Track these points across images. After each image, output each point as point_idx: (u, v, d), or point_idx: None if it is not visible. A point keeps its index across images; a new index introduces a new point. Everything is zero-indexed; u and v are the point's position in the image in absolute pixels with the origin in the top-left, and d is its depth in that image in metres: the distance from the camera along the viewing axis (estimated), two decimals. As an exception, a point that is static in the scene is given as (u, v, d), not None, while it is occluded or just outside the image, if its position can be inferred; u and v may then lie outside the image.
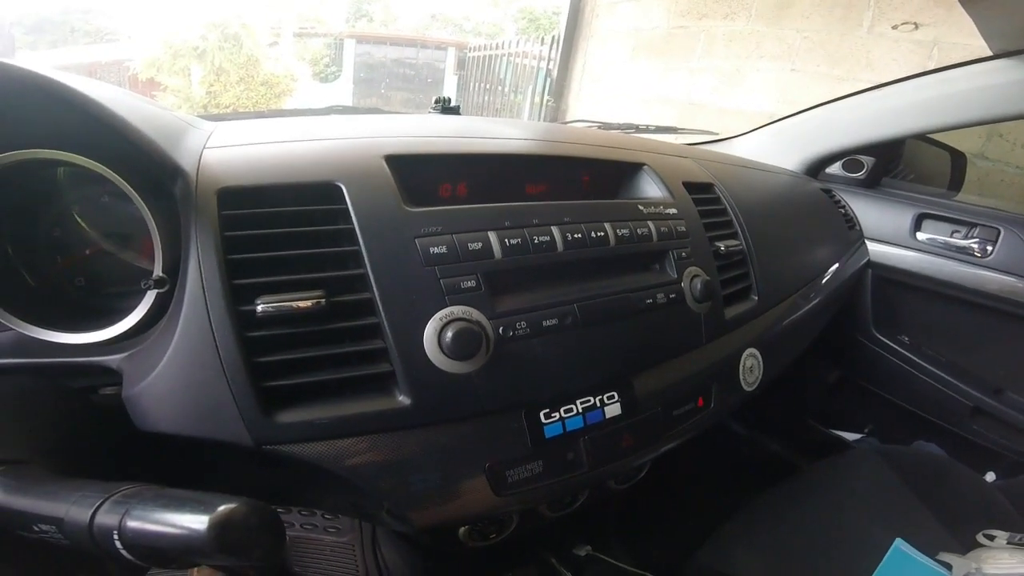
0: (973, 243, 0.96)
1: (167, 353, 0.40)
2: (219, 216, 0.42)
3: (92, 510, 0.28)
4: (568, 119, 3.10)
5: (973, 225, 0.97)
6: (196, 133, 0.49)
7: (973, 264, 0.96)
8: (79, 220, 0.48)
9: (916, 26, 1.88)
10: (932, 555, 0.64)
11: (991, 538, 0.67)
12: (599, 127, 1.18)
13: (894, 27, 1.93)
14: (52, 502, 0.29)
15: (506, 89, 5.08)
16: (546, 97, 3.90)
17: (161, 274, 0.42)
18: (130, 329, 0.43)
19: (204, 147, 0.47)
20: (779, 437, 1.31)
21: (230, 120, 0.63)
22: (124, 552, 0.27)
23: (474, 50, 5.85)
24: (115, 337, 0.43)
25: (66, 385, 0.43)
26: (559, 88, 3.60)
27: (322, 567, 0.78)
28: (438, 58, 6.62)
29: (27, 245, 0.45)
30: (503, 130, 0.66)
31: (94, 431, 0.42)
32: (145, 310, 0.43)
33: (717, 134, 1.35)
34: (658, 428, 0.56)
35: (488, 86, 5.46)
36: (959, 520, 0.73)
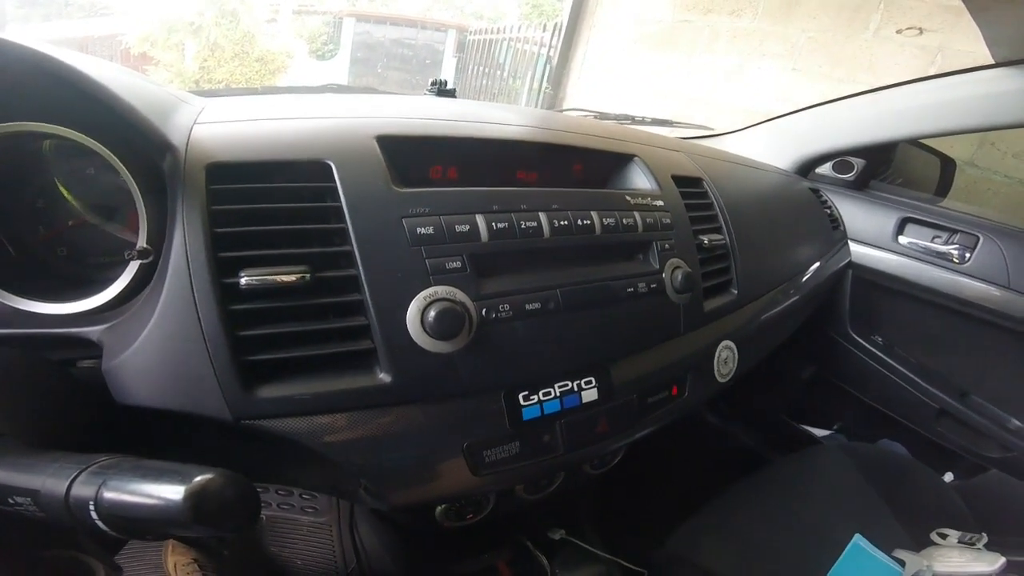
0: (952, 249, 0.97)
1: (148, 325, 0.40)
2: (207, 190, 0.42)
3: (69, 481, 0.27)
4: (565, 107, 3.09)
5: (954, 231, 0.98)
6: (187, 108, 0.49)
7: (950, 270, 0.97)
8: (64, 191, 0.47)
9: (921, 31, 1.88)
10: (888, 551, 0.67)
11: (944, 536, 0.70)
12: (595, 116, 1.18)
13: (898, 31, 1.94)
14: (28, 474, 0.28)
15: (505, 74, 5.02)
16: (544, 85, 3.87)
17: (145, 245, 0.42)
18: (112, 300, 0.43)
19: (194, 122, 0.47)
20: (752, 430, 1.34)
21: (222, 96, 0.62)
22: (100, 524, 0.27)
23: (475, 33, 5.77)
24: (96, 308, 0.43)
25: (44, 357, 0.43)
26: (558, 76, 3.56)
27: (299, 546, 0.78)
28: (438, 40, 6.50)
29: (8, 215, 0.45)
30: (497, 115, 0.66)
31: (72, 404, 0.42)
32: (127, 280, 0.43)
33: (712, 129, 1.36)
34: (632, 415, 0.57)
35: (487, 70, 5.39)
36: (916, 518, 0.76)
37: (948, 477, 1.17)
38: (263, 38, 5.01)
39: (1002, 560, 0.62)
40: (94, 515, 0.27)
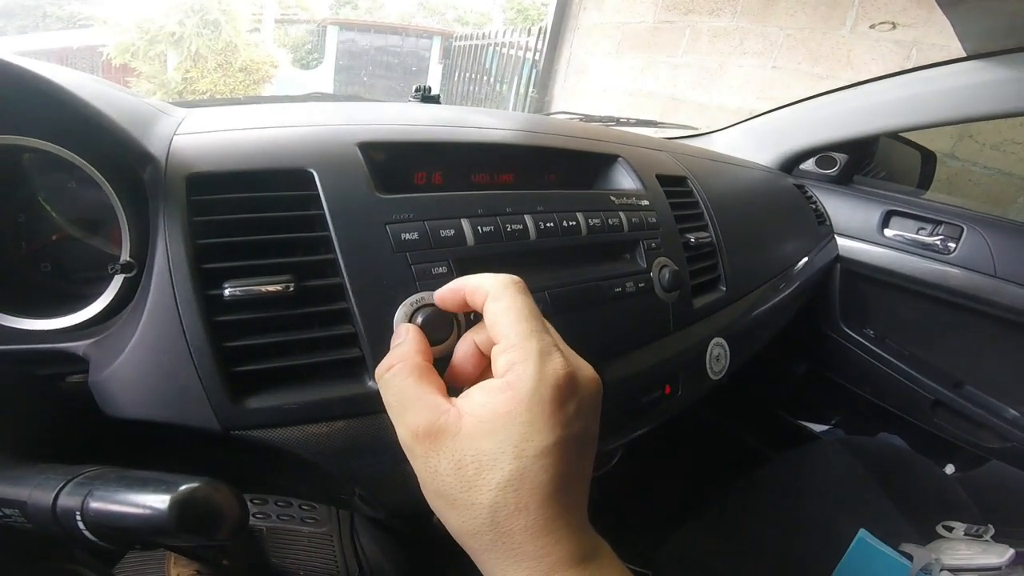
0: (937, 240, 0.99)
1: (133, 338, 0.39)
2: (188, 202, 0.41)
3: (55, 492, 0.27)
4: (551, 111, 3.10)
5: (938, 223, 1.00)
6: (167, 120, 0.49)
7: (937, 260, 0.99)
8: (45, 206, 0.47)
9: (894, 25, 1.92)
10: (894, 545, 0.66)
11: (950, 529, 0.70)
12: (580, 119, 1.19)
13: (872, 26, 1.97)
14: (14, 486, 0.28)
15: (491, 80, 5.05)
16: (531, 90, 3.89)
17: (128, 259, 0.42)
18: (97, 315, 0.43)
19: (175, 133, 0.46)
20: (749, 428, 1.34)
21: (204, 107, 0.62)
22: (87, 533, 0.27)
23: (460, 39, 5.80)
24: (82, 323, 0.43)
25: (30, 371, 0.42)
26: (544, 80, 3.59)
27: (300, 558, 0.77)
28: (423, 46, 6.52)
29: None
30: (481, 119, 0.67)
31: (61, 418, 0.42)
32: (112, 295, 0.43)
33: (696, 128, 1.37)
34: (626, 415, 0.57)
35: (473, 76, 5.41)
36: (920, 511, 0.76)
37: (949, 469, 1.18)
38: (246, 48, 4.99)
39: (1011, 552, 0.62)
40: (81, 525, 0.27)
